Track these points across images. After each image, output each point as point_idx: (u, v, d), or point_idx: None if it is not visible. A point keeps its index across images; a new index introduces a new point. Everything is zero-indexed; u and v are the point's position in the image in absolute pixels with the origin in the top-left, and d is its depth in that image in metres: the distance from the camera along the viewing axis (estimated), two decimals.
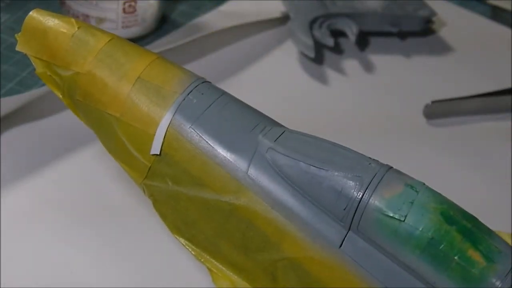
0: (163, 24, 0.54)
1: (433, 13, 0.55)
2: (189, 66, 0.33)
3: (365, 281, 0.27)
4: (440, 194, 0.27)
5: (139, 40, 0.51)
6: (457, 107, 0.50)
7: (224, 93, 0.31)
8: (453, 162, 0.47)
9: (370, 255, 0.27)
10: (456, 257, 0.26)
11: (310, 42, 0.50)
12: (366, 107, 0.51)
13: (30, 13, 0.31)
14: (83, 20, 0.49)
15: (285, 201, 0.28)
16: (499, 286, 0.25)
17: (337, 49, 0.54)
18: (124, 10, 0.50)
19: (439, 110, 0.50)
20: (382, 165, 0.28)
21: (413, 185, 0.27)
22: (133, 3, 0.50)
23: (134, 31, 0.51)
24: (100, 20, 0.50)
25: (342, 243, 0.27)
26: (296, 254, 0.28)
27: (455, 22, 0.59)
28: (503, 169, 0.47)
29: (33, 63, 0.32)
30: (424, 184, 0.27)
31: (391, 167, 0.28)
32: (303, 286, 0.28)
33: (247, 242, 0.29)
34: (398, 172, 0.28)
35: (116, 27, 0.50)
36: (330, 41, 0.51)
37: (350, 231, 0.27)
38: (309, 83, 0.52)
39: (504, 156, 0.48)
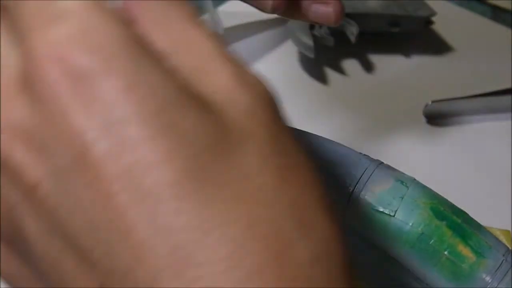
0: None
1: (433, 13, 0.55)
2: None
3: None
4: (430, 190, 0.27)
5: None
6: (457, 107, 0.50)
7: None
8: (453, 162, 0.47)
9: (360, 250, 0.27)
10: (446, 252, 0.26)
11: (310, 42, 0.51)
12: (366, 107, 0.51)
13: None
14: None
15: None
16: (489, 281, 0.25)
17: (337, 49, 0.54)
18: None
19: (439, 110, 0.50)
20: (372, 160, 0.28)
21: (403, 180, 0.27)
22: None
23: None
24: None
25: None
26: None
27: (455, 22, 0.59)
28: (503, 169, 0.47)
29: None
30: (414, 179, 0.27)
31: (382, 162, 0.28)
32: None
33: None
34: (389, 167, 0.28)
35: None
36: (330, 41, 0.52)
37: None
38: (309, 83, 0.52)
39: (504, 156, 0.48)
